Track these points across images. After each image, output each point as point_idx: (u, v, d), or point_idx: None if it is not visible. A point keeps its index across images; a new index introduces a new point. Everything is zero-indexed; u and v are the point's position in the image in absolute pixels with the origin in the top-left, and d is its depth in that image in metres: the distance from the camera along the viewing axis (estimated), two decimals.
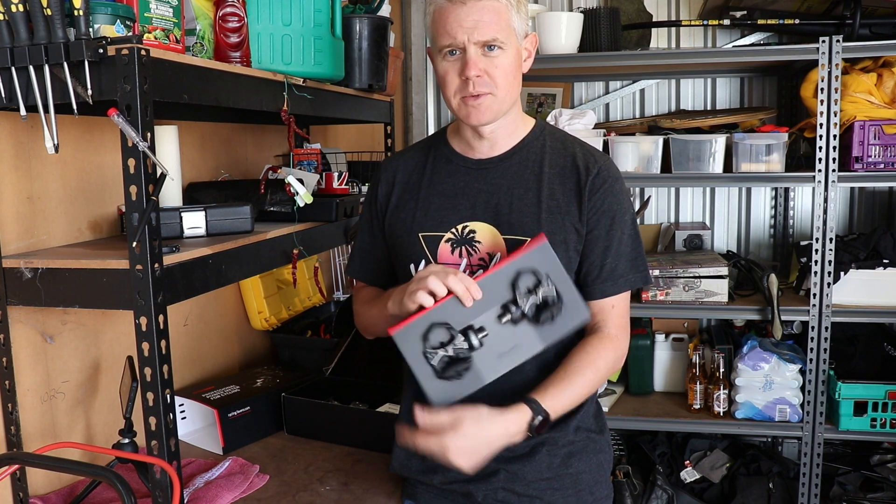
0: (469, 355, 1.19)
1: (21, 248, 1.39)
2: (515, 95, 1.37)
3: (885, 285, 2.61)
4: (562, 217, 1.35)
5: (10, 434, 1.37)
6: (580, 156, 1.39)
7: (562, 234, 1.35)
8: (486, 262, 1.35)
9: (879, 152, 2.51)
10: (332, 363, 1.99)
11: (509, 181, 1.38)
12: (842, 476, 2.87)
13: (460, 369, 1.19)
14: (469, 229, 1.36)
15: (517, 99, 1.39)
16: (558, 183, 1.37)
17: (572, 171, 1.38)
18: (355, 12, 1.91)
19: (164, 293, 1.17)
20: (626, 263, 1.37)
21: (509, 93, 1.34)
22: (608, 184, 1.37)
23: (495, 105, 1.32)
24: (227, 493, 1.47)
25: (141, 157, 1.10)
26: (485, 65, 1.29)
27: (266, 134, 2.25)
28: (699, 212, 3.38)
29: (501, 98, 1.32)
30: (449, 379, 1.19)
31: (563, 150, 1.41)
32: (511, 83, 1.33)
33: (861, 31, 2.64)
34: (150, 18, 1.22)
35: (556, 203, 1.36)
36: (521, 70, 1.37)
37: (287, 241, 1.61)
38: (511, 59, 1.32)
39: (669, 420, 2.78)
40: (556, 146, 1.41)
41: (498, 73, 1.30)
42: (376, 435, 1.70)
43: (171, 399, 1.18)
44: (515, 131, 1.41)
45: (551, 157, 1.40)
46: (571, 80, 3.35)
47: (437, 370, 1.18)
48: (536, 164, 1.39)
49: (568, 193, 1.36)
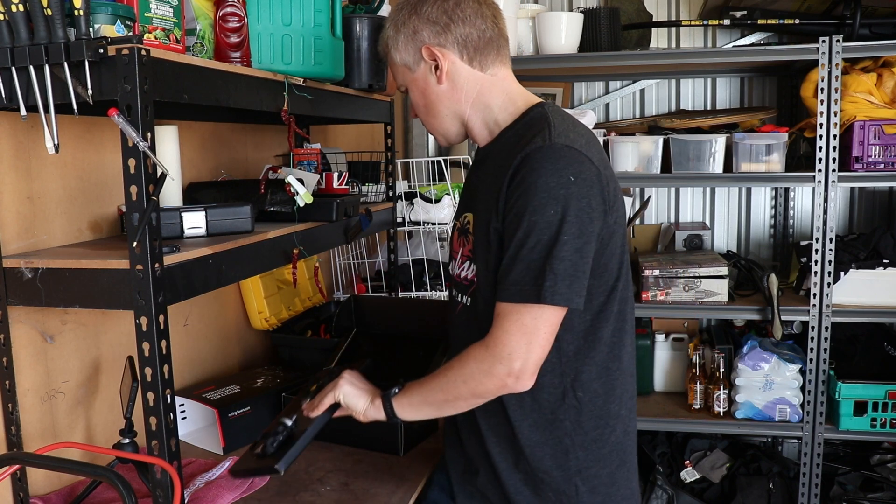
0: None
1: (21, 248, 1.39)
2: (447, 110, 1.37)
3: (885, 285, 2.61)
4: (487, 215, 1.27)
5: (11, 434, 1.37)
6: (521, 144, 1.25)
7: (485, 236, 1.27)
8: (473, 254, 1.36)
9: (879, 152, 2.52)
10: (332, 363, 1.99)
11: (482, 173, 1.37)
12: (842, 476, 2.87)
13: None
14: (467, 220, 1.39)
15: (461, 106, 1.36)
16: (493, 176, 1.29)
17: (503, 165, 1.25)
18: (355, 12, 1.91)
19: (165, 293, 1.17)
20: (523, 271, 1.18)
21: (433, 115, 1.39)
22: (522, 175, 1.20)
23: (437, 133, 1.43)
24: (228, 493, 1.47)
25: (141, 157, 1.10)
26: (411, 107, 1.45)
27: (266, 134, 2.25)
28: (699, 212, 3.38)
29: (434, 126, 1.42)
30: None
31: (520, 138, 1.28)
32: (430, 110, 1.39)
33: (861, 31, 2.64)
34: (151, 18, 1.22)
35: (486, 200, 1.29)
36: (434, 88, 1.36)
37: (287, 241, 1.61)
38: (414, 91, 1.40)
39: (669, 420, 2.79)
40: (520, 132, 1.30)
41: (417, 110, 1.43)
42: (376, 435, 1.70)
43: (171, 399, 1.18)
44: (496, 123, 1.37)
45: (504, 147, 1.31)
46: (571, 80, 3.35)
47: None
48: (495, 156, 1.33)
49: (495, 188, 1.26)
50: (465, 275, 1.39)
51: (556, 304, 1.18)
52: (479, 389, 1.24)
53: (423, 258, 2.67)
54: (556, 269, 1.17)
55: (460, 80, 1.35)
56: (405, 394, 1.34)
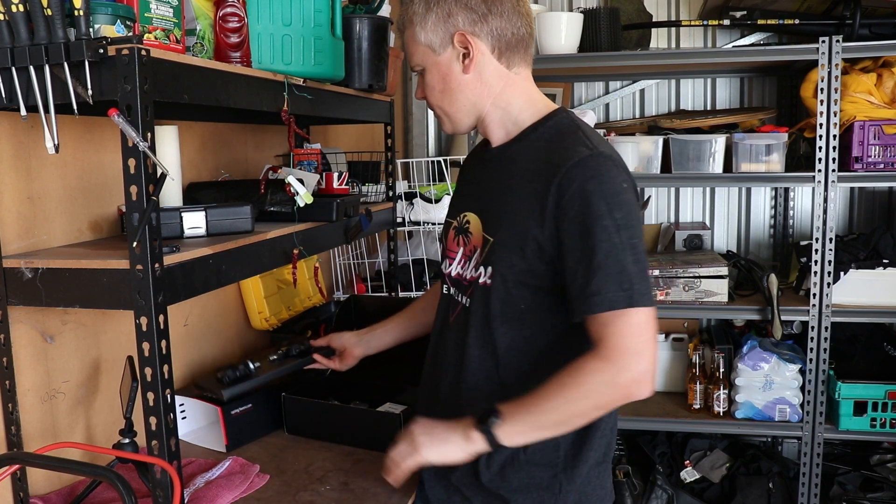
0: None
1: (21, 248, 1.39)
2: (466, 101, 1.34)
3: (884, 285, 2.61)
4: (521, 221, 1.25)
5: (11, 434, 1.37)
6: (560, 152, 1.24)
7: (518, 240, 1.25)
8: (472, 254, 1.36)
9: (879, 152, 2.52)
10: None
11: (498, 174, 1.35)
12: (842, 476, 2.87)
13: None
14: (466, 219, 1.39)
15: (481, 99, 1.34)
16: (528, 182, 1.27)
17: (543, 171, 1.24)
18: (355, 12, 1.91)
19: (165, 293, 1.17)
20: (602, 279, 1.17)
21: (450, 104, 1.35)
22: (576, 185, 1.19)
23: (448, 120, 1.38)
24: (228, 493, 1.48)
25: (141, 158, 1.10)
26: (422, 88, 1.38)
27: (266, 134, 2.25)
28: (699, 212, 3.38)
29: (448, 112, 1.37)
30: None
31: (552, 145, 1.28)
32: (444, 96, 1.34)
33: (861, 31, 2.65)
34: (151, 18, 1.22)
35: (519, 205, 1.27)
36: (457, 76, 1.32)
37: (287, 241, 1.61)
38: (434, 75, 1.34)
39: (669, 420, 2.79)
40: (549, 138, 1.30)
41: (428, 92, 1.37)
42: (376, 435, 1.70)
43: (171, 399, 1.18)
44: (520, 121, 1.35)
45: (535, 153, 1.29)
46: (571, 80, 3.35)
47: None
48: (522, 158, 1.31)
49: (534, 195, 1.24)
50: (465, 274, 1.38)
51: (649, 305, 1.19)
52: (603, 402, 1.21)
53: (423, 258, 2.67)
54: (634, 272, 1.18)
55: (486, 73, 1.33)
56: (510, 422, 1.23)
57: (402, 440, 1.33)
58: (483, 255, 1.33)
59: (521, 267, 1.26)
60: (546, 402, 1.21)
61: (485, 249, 1.33)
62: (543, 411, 1.22)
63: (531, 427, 1.24)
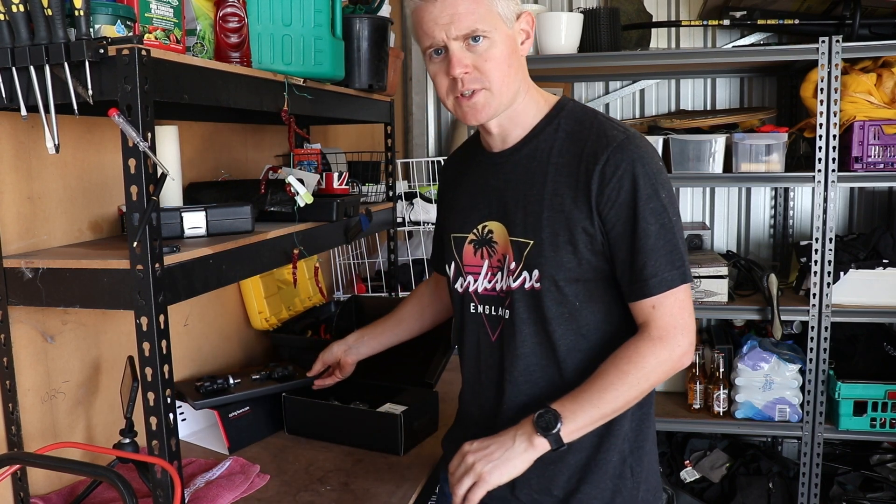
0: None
1: (22, 248, 1.39)
2: (516, 85, 1.26)
3: (884, 285, 2.61)
4: (566, 215, 1.23)
5: (11, 434, 1.37)
6: (592, 140, 1.23)
7: (566, 235, 1.23)
8: (502, 263, 1.31)
9: (879, 152, 2.52)
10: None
11: (518, 176, 1.29)
12: (842, 476, 2.87)
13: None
14: (488, 229, 1.33)
15: (521, 87, 1.27)
16: (565, 175, 1.24)
17: (580, 161, 1.22)
18: (355, 12, 1.91)
19: (165, 293, 1.17)
20: (657, 260, 1.20)
21: (506, 84, 1.23)
22: (621, 170, 1.20)
23: (493, 101, 1.23)
24: (228, 493, 1.48)
25: (141, 158, 1.10)
26: (472, 60, 1.21)
27: (266, 134, 2.25)
28: (699, 212, 3.38)
29: (498, 92, 1.23)
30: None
31: (577, 135, 1.25)
32: (507, 74, 1.23)
33: (861, 31, 2.65)
34: (151, 19, 1.22)
35: (559, 200, 1.23)
36: (517, 56, 1.25)
37: (287, 241, 1.61)
38: (501, 47, 1.21)
39: (669, 420, 2.79)
40: (571, 129, 1.27)
41: (489, 66, 1.21)
42: (377, 435, 1.70)
43: (171, 399, 1.18)
44: (527, 119, 1.30)
45: (562, 145, 1.26)
46: (571, 80, 3.35)
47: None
48: (545, 154, 1.27)
49: (574, 187, 1.22)
50: (500, 286, 1.32)
51: (688, 280, 1.23)
52: (660, 379, 1.25)
53: (423, 258, 2.67)
54: (682, 249, 1.23)
55: (523, 61, 1.29)
56: (572, 419, 1.20)
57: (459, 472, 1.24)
58: (523, 260, 1.27)
59: (573, 263, 1.24)
60: (608, 392, 1.21)
61: (523, 254, 1.27)
62: (607, 402, 1.21)
63: (595, 419, 1.22)
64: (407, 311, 1.70)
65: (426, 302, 1.69)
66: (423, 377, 1.96)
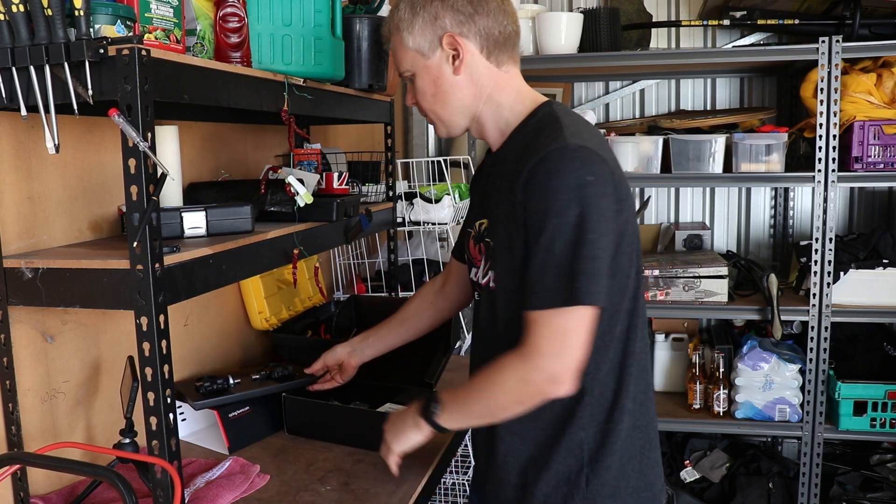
0: None
1: (21, 248, 1.39)
2: (463, 102, 1.33)
3: (884, 285, 2.61)
4: (513, 220, 1.25)
5: (11, 434, 1.37)
6: (532, 148, 1.23)
7: (512, 240, 1.25)
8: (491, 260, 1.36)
9: (879, 152, 2.52)
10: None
11: (493, 178, 1.36)
12: (842, 476, 2.88)
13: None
14: (484, 226, 1.38)
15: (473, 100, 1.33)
16: (509, 181, 1.26)
17: (521, 169, 1.23)
18: (355, 12, 1.91)
19: (165, 293, 1.17)
20: (543, 276, 1.17)
21: (445, 108, 1.35)
22: (540, 177, 1.19)
23: (441, 123, 1.38)
24: (228, 493, 1.48)
25: (141, 158, 1.10)
26: (413, 93, 1.38)
27: (266, 134, 2.25)
28: (699, 212, 3.38)
29: (441, 116, 1.36)
30: None
31: (530, 142, 1.27)
32: (441, 100, 1.34)
33: (861, 31, 2.65)
34: (151, 19, 1.22)
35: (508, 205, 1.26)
36: (451, 78, 1.32)
37: (287, 241, 1.61)
38: (426, 79, 1.34)
39: (669, 420, 2.79)
40: (530, 135, 1.29)
41: (420, 98, 1.37)
42: (377, 435, 1.69)
43: (171, 399, 1.18)
44: (504, 123, 1.35)
45: (518, 151, 1.28)
46: (571, 80, 3.35)
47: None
48: (508, 158, 1.31)
49: (510, 195, 1.25)
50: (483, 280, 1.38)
51: (590, 303, 1.17)
52: (520, 398, 1.23)
53: (423, 258, 2.67)
54: (585, 269, 1.16)
55: (476, 73, 1.32)
56: (448, 410, 1.32)
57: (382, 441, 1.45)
58: (490, 259, 1.34)
59: (518, 267, 1.25)
60: (474, 393, 1.29)
61: (489, 253, 1.34)
62: (472, 402, 1.30)
63: (465, 416, 1.33)
64: (411, 311, 1.73)
65: (430, 301, 1.72)
66: (423, 377, 1.97)
